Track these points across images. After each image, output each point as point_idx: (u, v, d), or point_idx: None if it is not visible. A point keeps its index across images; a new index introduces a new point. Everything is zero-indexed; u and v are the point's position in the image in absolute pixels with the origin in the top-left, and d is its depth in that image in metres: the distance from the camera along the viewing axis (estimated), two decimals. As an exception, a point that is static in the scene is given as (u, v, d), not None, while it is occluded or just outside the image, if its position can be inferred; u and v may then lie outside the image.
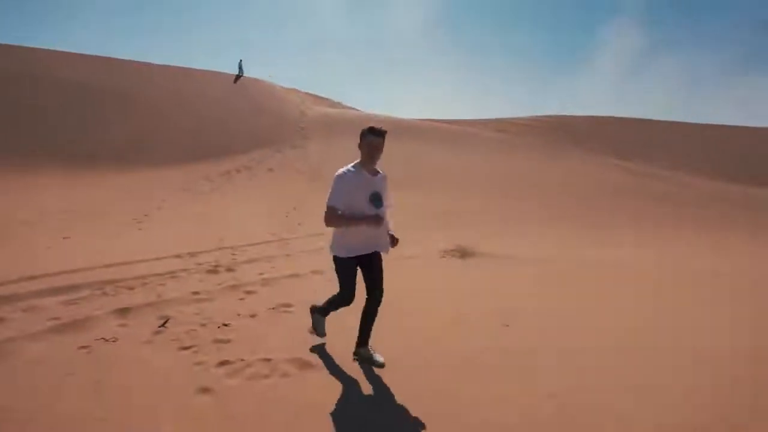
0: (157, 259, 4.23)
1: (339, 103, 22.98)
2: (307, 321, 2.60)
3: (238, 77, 20.25)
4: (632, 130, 20.77)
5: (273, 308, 2.99)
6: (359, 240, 2.19)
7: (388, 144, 2.28)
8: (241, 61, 20.63)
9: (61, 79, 15.28)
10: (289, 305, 3.05)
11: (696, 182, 14.66)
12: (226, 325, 2.68)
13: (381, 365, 2.28)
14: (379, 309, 2.30)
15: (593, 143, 18.60)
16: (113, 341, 2.41)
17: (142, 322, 2.69)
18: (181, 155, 13.06)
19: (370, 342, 2.37)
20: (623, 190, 12.09)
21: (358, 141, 2.18)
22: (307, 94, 22.43)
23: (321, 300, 2.52)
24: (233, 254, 4.58)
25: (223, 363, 2.19)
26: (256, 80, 20.67)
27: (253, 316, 2.85)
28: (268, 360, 2.24)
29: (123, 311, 2.86)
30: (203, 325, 2.69)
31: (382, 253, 2.31)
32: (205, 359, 2.23)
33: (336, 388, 2.03)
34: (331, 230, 2.27)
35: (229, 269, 4.03)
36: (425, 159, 13.06)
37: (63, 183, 9.70)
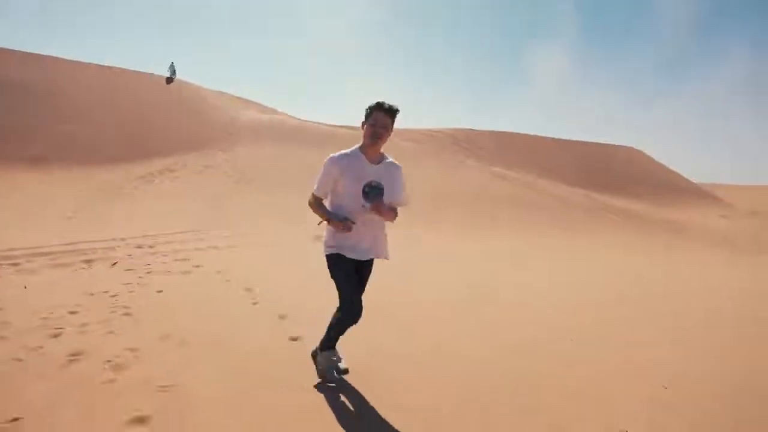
0: (93, 241, 5.72)
1: (272, 109, 24.14)
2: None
3: (170, 79, 20.57)
4: (515, 144, 24.95)
5: (183, 270, 4.76)
6: (349, 243, 1.90)
7: (289, 151, 3.59)
8: (172, 63, 20.98)
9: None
10: (190, 265, 4.83)
11: (550, 188, 18.54)
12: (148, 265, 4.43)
13: (343, 372, 1.93)
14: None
15: (484, 153, 22.21)
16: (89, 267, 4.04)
17: (103, 264, 4.31)
18: (107, 156, 13.64)
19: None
20: (488, 194, 15.21)
21: (362, 122, 1.89)
22: (238, 98, 23.30)
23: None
24: (154, 241, 6.17)
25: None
26: (186, 83, 21.14)
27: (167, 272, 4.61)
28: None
29: (88, 261, 4.48)
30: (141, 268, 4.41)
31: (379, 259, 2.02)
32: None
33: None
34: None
35: (151, 246, 5.69)
36: (316, 163, 14.84)
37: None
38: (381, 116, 1.82)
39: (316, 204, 1.91)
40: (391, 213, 1.88)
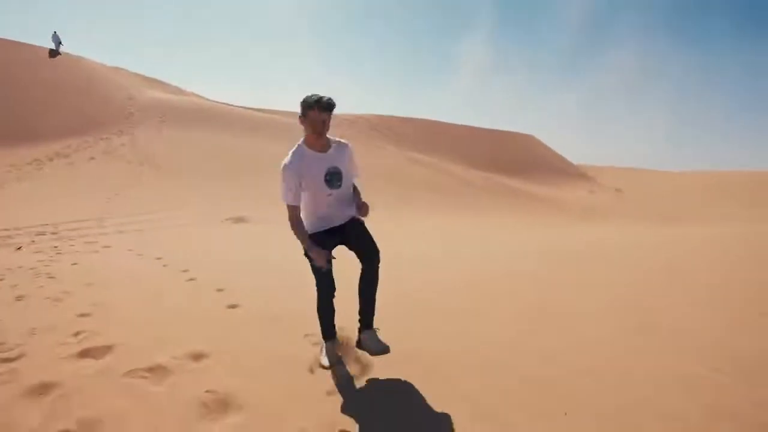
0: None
1: (178, 88, 22.69)
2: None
3: (54, 52, 18.02)
4: (431, 131, 27.44)
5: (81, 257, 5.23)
6: (318, 217, 2.01)
7: (196, 134, 3.92)
8: (55, 32, 18.29)
9: None
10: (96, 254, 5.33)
11: (456, 170, 21.11)
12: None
13: (384, 350, 1.90)
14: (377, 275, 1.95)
15: (400, 140, 24.08)
16: None
17: (7, 250, 4.63)
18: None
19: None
20: (401, 176, 16.99)
21: (299, 116, 1.92)
22: (137, 75, 21.45)
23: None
24: (56, 229, 6.34)
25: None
26: (77, 57, 18.84)
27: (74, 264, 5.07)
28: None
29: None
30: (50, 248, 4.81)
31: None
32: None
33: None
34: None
35: (54, 233, 5.93)
36: (230, 148, 14.39)
37: None
38: (318, 114, 1.87)
39: (296, 223, 1.96)
40: (366, 206, 2.03)
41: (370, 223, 2.06)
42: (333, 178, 1.98)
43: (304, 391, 1.64)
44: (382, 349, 1.86)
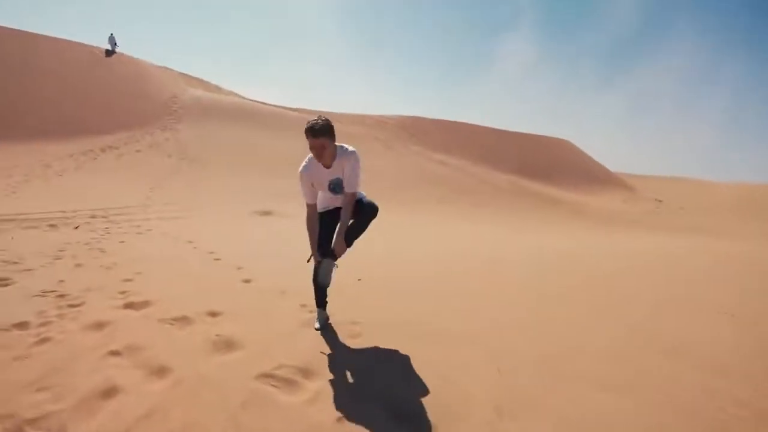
0: (49, 212, 6.66)
1: (217, 87, 24.09)
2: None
3: (110, 52, 19.86)
4: (460, 133, 27.45)
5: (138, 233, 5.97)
6: (326, 205, 2.29)
7: (233, 131, 4.34)
8: (112, 35, 20.15)
9: None
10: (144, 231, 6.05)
11: (482, 173, 21.08)
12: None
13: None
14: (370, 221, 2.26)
15: (427, 140, 24.32)
16: (54, 230, 5.16)
17: (67, 228, 5.42)
18: (41, 132, 13.55)
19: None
20: (429, 177, 17.26)
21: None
22: (181, 74, 23.00)
23: None
24: (106, 213, 7.19)
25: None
26: (126, 56, 20.56)
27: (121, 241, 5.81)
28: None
29: (52, 226, 5.55)
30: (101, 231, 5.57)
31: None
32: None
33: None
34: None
35: (104, 216, 6.76)
36: (263, 144, 15.38)
37: None
38: (313, 141, 2.04)
39: (311, 225, 2.25)
40: (340, 245, 2.18)
41: (392, 216, 2.41)
42: (336, 187, 2.22)
43: (291, 341, 2.05)
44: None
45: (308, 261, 2.23)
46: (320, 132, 2.04)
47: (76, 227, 5.86)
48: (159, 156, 13.26)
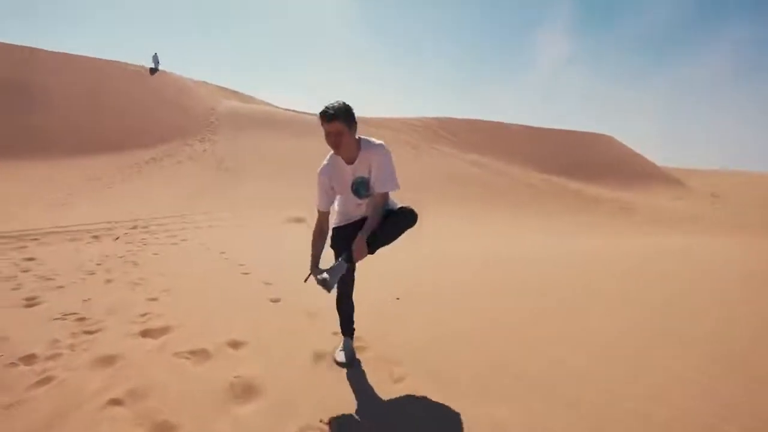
0: (95, 223, 6.86)
1: (251, 98, 24.80)
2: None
3: (153, 70, 21.03)
4: (494, 133, 26.41)
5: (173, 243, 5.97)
6: (348, 217, 1.97)
7: (266, 140, 4.28)
8: (156, 54, 21.32)
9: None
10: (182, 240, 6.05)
11: (517, 173, 20.05)
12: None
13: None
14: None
15: (459, 141, 23.57)
16: (97, 241, 5.23)
17: (108, 239, 5.50)
18: (87, 147, 14.43)
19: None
20: (460, 179, 16.62)
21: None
22: (217, 87, 23.90)
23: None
24: (146, 223, 7.32)
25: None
26: (167, 73, 21.66)
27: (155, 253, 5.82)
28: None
29: (96, 237, 5.66)
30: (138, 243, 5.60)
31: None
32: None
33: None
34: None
35: (144, 227, 6.86)
36: (295, 153, 15.32)
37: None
38: (327, 126, 1.73)
39: (316, 234, 1.94)
40: (360, 248, 1.78)
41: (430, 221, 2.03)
42: (359, 188, 1.86)
43: (320, 386, 1.70)
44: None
45: (305, 281, 1.89)
46: (336, 115, 1.72)
47: (116, 238, 5.95)
48: (198, 166, 13.68)
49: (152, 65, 21.26)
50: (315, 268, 1.87)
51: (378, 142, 1.88)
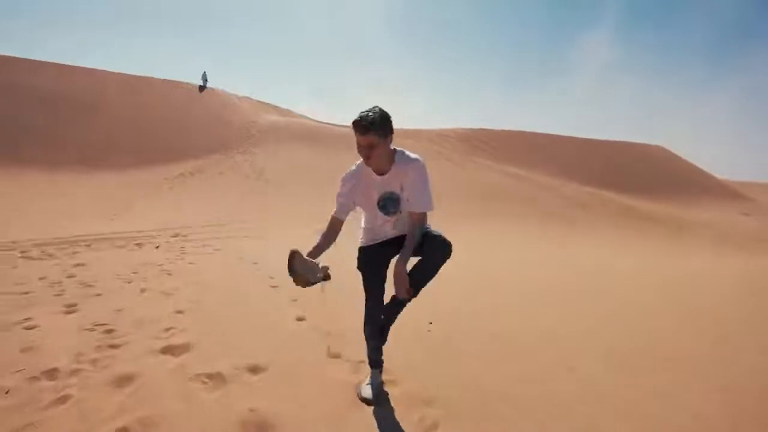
0: (140, 231, 7.22)
1: (288, 111, 25.72)
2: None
3: (202, 88, 22.45)
4: (527, 142, 25.45)
5: (206, 252, 6.11)
6: (375, 235, 1.81)
7: (303, 153, 4.26)
8: (204, 72, 22.80)
9: (22, 86, 17.08)
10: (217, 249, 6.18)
11: (562, 187, 19.06)
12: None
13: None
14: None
15: (497, 152, 22.90)
16: (139, 248, 5.46)
17: (150, 247, 5.72)
18: (141, 160, 15.48)
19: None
20: (496, 191, 16.03)
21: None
22: (259, 102, 25.02)
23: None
24: (187, 232, 7.60)
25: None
26: (213, 90, 23.01)
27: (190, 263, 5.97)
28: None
29: (139, 245, 5.92)
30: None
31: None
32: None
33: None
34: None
35: (184, 235, 7.11)
36: (330, 164, 15.30)
37: (47, 187, 12.03)
38: (359, 138, 1.61)
39: (324, 235, 1.81)
40: (402, 279, 1.61)
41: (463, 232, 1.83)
42: (387, 203, 1.70)
43: (340, 426, 1.52)
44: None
45: (358, 268, 1.72)
46: (371, 125, 1.57)
47: (157, 247, 6.18)
48: (238, 178, 14.24)
49: (201, 83, 22.66)
50: (311, 253, 1.72)
51: (415, 156, 1.71)
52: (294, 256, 1.61)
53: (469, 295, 3.89)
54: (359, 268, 1.81)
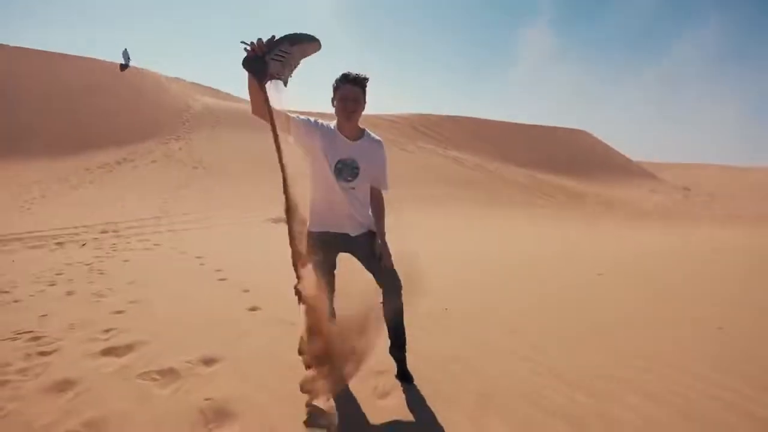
0: (60, 228, 6.47)
1: (229, 95, 24.12)
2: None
3: (124, 66, 20.13)
4: (473, 129, 26.61)
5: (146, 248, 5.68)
6: (321, 209, 1.73)
7: (244, 139, 3.97)
8: (126, 49, 20.42)
9: None
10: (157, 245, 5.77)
11: (501, 169, 20.27)
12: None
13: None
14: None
15: (440, 138, 23.64)
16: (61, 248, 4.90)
17: (74, 246, 5.17)
18: (57, 147, 13.69)
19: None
20: (443, 176, 16.64)
21: (332, 99, 1.65)
22: (192, 84, 23.13)
23: None
24: (117, 227, 6.96)
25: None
26: (139, 69, 20.78)
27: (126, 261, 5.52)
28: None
29: (59, 244, 5.31)
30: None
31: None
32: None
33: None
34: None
35: (115, 231, 6.52)
36: (271, 150, 15.54)
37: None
38: (349, 89, 1.60)
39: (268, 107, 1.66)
40: (388, 253, 1.68)
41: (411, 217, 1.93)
42: (344, 169, 1.65)
43: (301, 407, 1.59)
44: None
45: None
46: (363, 81, 1.61)
47: (83, 245, 5.61)
48: (173, 166, 13.18)
49: (122, 61, 20.37)
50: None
51: (379, 137, 1.79)
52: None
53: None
54: (309, 251, 1.68)
